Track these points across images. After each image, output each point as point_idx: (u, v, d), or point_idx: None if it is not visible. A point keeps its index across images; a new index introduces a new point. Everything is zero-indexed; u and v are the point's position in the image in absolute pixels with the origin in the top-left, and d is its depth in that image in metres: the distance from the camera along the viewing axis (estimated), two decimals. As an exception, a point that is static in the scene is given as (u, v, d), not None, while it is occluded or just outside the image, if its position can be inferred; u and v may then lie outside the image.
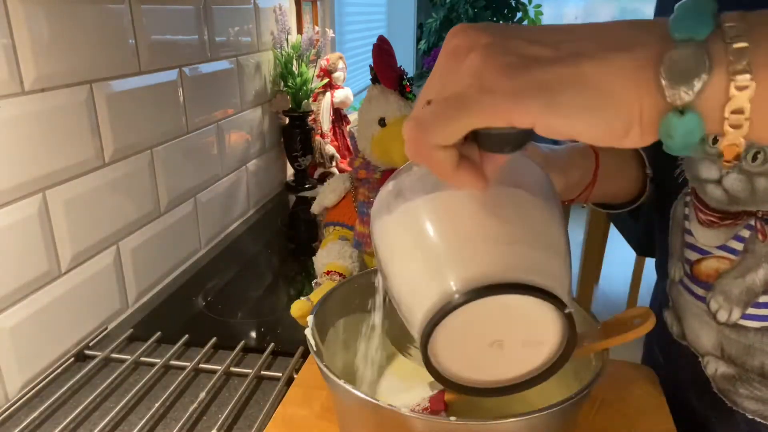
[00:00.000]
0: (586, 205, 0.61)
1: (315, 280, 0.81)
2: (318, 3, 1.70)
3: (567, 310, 0.33)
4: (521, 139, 0.30)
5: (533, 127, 0.28)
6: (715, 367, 0.54)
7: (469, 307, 0.33)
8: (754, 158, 0.47)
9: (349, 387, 0.42)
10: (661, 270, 0.63)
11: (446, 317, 0.33)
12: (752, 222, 0.49)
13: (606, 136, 0.28)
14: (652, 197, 0.62)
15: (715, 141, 0.50)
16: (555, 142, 0.52)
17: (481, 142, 0.31)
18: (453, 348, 0.35)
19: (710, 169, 0.50)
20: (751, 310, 0.50)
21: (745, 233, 0.50)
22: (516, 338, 0.35)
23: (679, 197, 0.57)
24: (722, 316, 0.52)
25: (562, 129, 0.28)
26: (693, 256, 0.54)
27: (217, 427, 0.61)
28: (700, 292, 0.54)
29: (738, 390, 0.53)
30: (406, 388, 0.56)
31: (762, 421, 0.51)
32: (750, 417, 0.53)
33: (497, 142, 0.30)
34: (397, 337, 0.47)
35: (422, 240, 0.35)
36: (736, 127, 0.26)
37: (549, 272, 0.34)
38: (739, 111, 0.26)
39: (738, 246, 0.50)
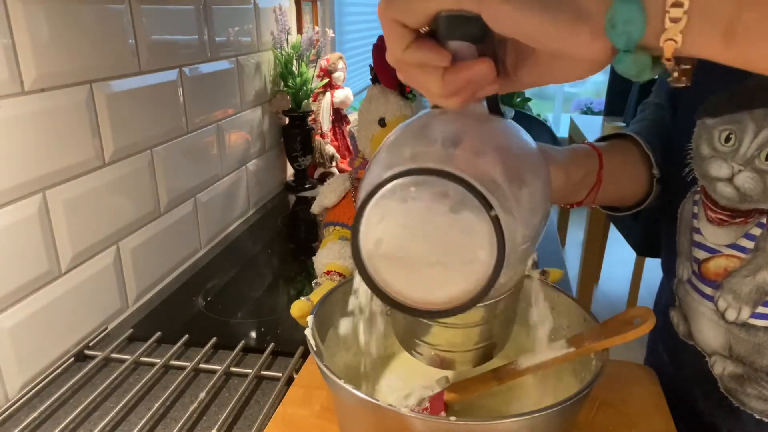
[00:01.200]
0: (594, 206, 0.61)
1: (315, 280, 0.81)
2: (318, 3, 1.70)
3: (493, 213, 0.32)
4: (471, 25, 0.32)
5: (480, 12, 0.30)
6: (722, 367, 0.54)
7: (396, 189, 0.33)
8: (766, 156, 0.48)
9: (349, 387, 0.42)
10: (668, 269, 0.62)
11: (374, 195, 0.33)
12: (763, 220, 0.49)
13: (553, 31, 0.29)
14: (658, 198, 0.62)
15: (728, 139, 0.50)
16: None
17: (436, 29, 0.33)
18: (391, 257, 0.34)
19: (720, 167, 0.50)
20: (760, 309, 0.50)
21: (756, 231, 0.50)
22: (447, 244, 0.34)
23: (688, 196, 0.56)
24: (731, 315, 0.52)
25: (508, 18, 0.30)
26: (701, 254, 0.54)
27: (217, 427, 0.61)
28: (708, 291, 0.54)
29: (746, 389, 0.53)
30: (406, 387, 0.56)
31: None
32: (758, 417, 0.52)
33: (448, 26, 0.33)
34: (404, 335, 0.47)
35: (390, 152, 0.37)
36: (675, 20, 0.28)
37: (491, 181, 0.33)
38: (678, 4, 0.28)
39: (749, 244, 0.50)
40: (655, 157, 0.60)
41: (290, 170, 1.50)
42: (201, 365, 0.73)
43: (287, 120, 1.43)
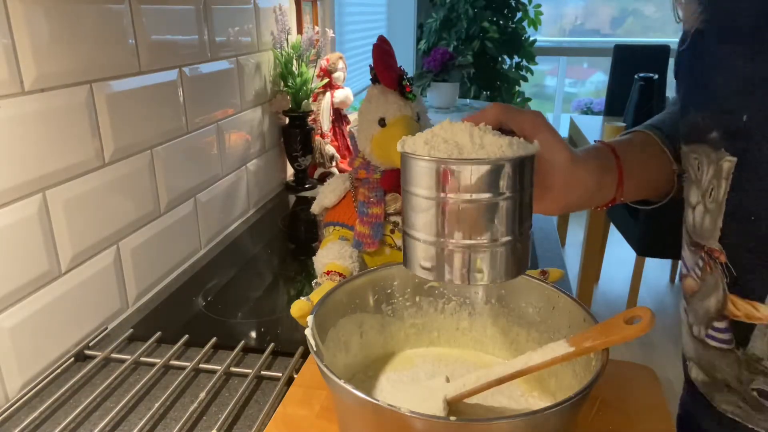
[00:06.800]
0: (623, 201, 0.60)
1: (315, 280, 0.81)
2: (318, 3, 1.70)
3: None
4: None
5: None
6: (696, 373, 0.55)
7: None
8: (710, 194, 0.48)
9: (349, 387, 0.42)
10: None
11: None
12: (702, 254, 0.50)
13: None
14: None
15: (699, 168, 0.50)
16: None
17: None
18: None
19: (695, 194, 0.51)
20: (710, 331, 0.51)
21: (700, 262, 0.51)
22: None
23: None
24: (695, 330, 0.53)
25: None
26: (683, 269, 0.55)
27: (217, 427, 0.61)
28: (684, 304, 0.56)
29: (714, 395, 0.53)
30: (405, 383, 0.56)
31: (741, 421, 0.52)
32: (730, 417, 0.53)
33: None
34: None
35: None
36: None
37: None
38: None
39: (698, 272, 0.51)
40: (676, 153, 0.58)
41: (290, 170, 1.50)
42: (201, 365, 0.73)
43: (287, 120, 1.43)
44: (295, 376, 0.65)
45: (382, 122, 0.79)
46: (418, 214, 0.45)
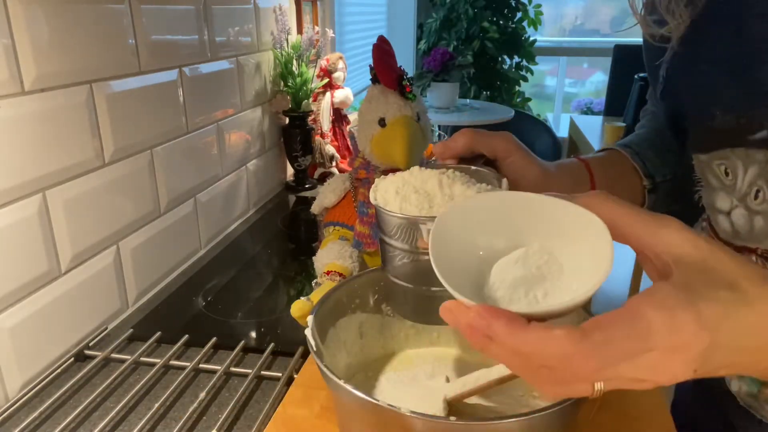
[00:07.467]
0: None
1: (315, 280, 0.81)
2: (318, 3, 1.70)
3: None
4: None
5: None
6: (738, 385, 0.54)
7: None
8: (756, 196, 0.47)
9: (349, 387, 0.42)
10: None
11: None
12: (753, 258, 0.49)
13: None
14: (659, 209, 0.61)
15: (727, 173, 0.49)
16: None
17: None
18: None
19: (724, 200, 0.50)
20: None
21: None
22: None
23: (698, 222, 0.56)
24: None
25: None
26: None
27: (217, 427, 0.61)
28: None
29: (763, 405, 0.52)
30: (405, 383, 0.56)
31: None
32: None
33: None
34: (407, 308, 0.49)
35: None
36: None
37: None
38: None
39: None
40: (645, 169, 0.59)
41: (290, 170, 1.50)
42: (201, 365, 0.73)
43: (287, 120, 1.43)
44: (295, 376, 0.65)
45: (382, 122, 0.79)
46: (394, 261, 0.47)
